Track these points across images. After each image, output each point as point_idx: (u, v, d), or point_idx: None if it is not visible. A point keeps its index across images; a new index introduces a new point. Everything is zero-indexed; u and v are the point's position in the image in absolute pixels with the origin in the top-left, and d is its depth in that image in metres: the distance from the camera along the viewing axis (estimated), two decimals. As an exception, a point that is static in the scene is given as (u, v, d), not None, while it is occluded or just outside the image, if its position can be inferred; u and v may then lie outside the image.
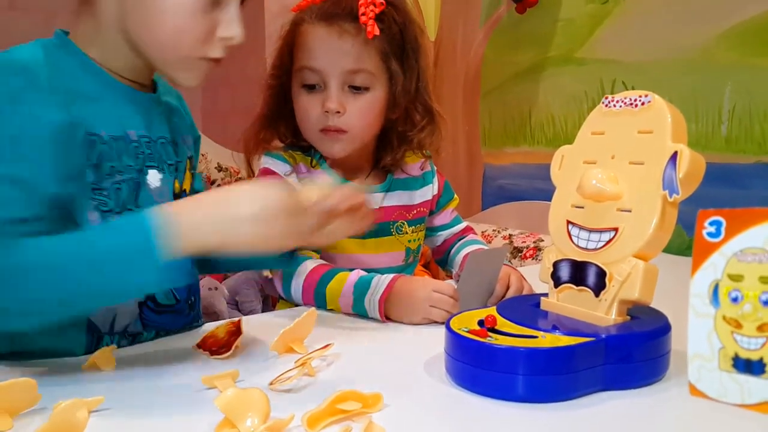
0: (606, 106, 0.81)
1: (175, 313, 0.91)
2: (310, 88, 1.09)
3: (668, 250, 0.79)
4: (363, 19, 1.04)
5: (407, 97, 1.13)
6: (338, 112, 1.07)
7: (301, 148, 1.15)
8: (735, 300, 0.61)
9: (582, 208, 0.80)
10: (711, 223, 0.62)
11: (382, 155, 1.17)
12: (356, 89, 1.08)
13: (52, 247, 0.70)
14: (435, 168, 1.27)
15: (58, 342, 0.83)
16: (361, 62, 1.07)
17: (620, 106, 0.79)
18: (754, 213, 0.60)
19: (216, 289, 1.78)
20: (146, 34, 0.83)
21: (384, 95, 1.11)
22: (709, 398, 0.63)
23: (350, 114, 1.08)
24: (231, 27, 0.84)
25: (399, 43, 1.10)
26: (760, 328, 0.59)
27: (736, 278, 0.60)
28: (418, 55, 1.13)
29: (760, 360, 0.60)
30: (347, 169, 1.16)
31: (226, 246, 0.70)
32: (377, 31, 1.04)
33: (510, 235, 1.64)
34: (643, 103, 0.77)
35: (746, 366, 0.60)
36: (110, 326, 0.86)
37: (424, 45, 1.16)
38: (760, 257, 0.58)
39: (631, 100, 0.78)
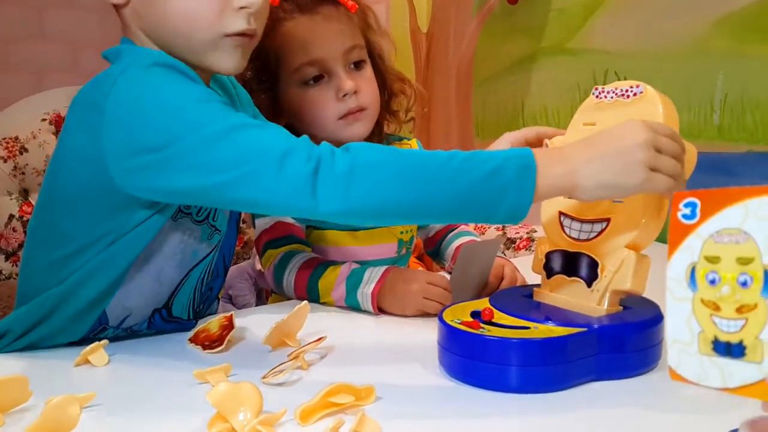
0: (597, 97, 0.81)
1: (180, 323, 0.91)
2: (315, 80, 1.09)
3: (662, 239, 0.79)
4: None
5: (385, 63, 1.16)
6: (356, 92, 1.09)
7: None
8: (713, 282, 0.59)
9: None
10: (686, 205, 0.60)
11: (369, 138, 1.17)
12: (356, 66, 1.10)
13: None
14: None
15: (65, 321, 0.83)
16: (353, 38, 1.10)
17: (611, 97, 0.79)
18: (729, 193, 0.58)
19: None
20: (162, 27, 0.81)
21: (371, 67, 1.14)
22: (689, 383, 0.63)
23: (362, 90, 1.10)
24: None
25: (362, 14, 1.14)
26: (738, 310, 0.58)
27: (713, 260, 0.59)
28: (378, 24, 1.17)
29: (740, 342, 0.59)
30: None
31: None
32: (356, 5, 1.08)
33: (503, 226, 1.63)
34: (635, 94, 0.77)
35: (726, 349, 0.60)
36: (119, 323, 0.86)
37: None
38: (737, 238, 0.57)
39: (622, 90, 0.78)
